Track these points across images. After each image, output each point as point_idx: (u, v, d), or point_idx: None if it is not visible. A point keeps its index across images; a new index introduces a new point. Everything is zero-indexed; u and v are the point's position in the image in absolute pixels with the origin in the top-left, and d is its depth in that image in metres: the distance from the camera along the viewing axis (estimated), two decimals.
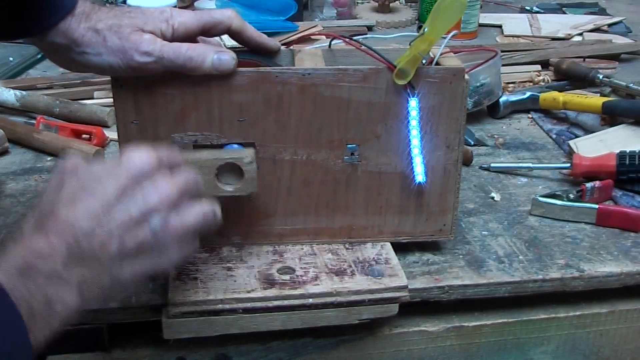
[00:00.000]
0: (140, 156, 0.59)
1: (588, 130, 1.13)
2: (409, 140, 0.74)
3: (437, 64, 0.74)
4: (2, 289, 0.51)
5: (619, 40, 1.54)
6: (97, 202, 0.56)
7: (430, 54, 0.74)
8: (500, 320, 0.80)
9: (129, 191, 0.57)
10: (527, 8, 1.81)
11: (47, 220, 0.56)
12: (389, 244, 0.79)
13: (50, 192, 0.58)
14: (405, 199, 0.77)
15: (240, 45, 0.77)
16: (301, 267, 0.75)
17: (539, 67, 1.37)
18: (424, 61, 0.71)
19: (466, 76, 0.73)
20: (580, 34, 1.57)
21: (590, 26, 1.63)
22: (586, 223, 0.88)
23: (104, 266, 0.56)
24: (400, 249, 0.80)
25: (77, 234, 0.55)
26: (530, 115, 1.20)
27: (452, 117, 0.74)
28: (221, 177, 0.70)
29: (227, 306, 0.70)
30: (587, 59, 1.38)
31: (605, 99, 1.12)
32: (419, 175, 0.75)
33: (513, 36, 1.58)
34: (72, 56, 0.70)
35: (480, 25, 1.60)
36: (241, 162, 0.69)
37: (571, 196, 0.91)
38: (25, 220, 0.57)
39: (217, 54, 0.69)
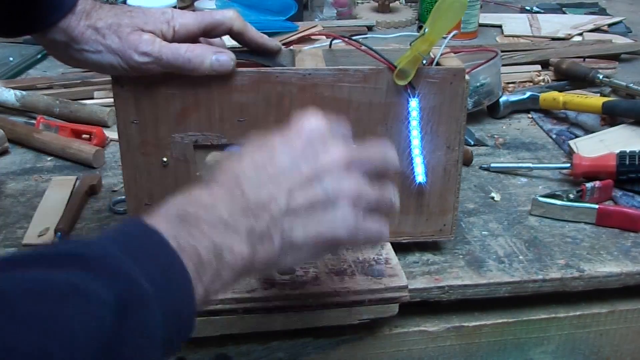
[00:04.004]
0: (312, 120, 0.58)
1: (588, 130, 1.13)
2: (409, 141, 0.74)
3: (438, 64, 0.74)
4: (162, 237, 0.47)
5: (619, 40, 1.54)
6: (266, 157, 0.55)
7: (431, 54, 0.74)
8: (500, 320, 0.80)
9: (300, 150, 0.56)
10: (527, 8, 1.81)
11: (213, 178, 0.54)
12: (389, 244, 0.79)
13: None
14: (406, 199, 0.77)
15: (241, 46, 0.77)
16: (301, 267, 0.75)
17: (539, 67, 1.37)
18: (424, 61, 0.71)
19: (466, 76, 0.73)
20: (580, 34, 1.57)
21: (590, 26, 1.63)
22: (586, 223, 0.88)
23: (273, 220, 0.53)
24: (400, 249, 0.80)
25: (243, 184, 0.53)
26: (530, 115, 1.20)
27: (453, 117, 0.74)
28: None
29: (227, 306, 0.70)
30: (587, 59, 1.38)
31: (605, 99, 1.12)
32: (419, 176, 0.75)
33: (513, 36, 1.58)
34: (71, 53, 0.70)
35: (480, 25, 1.60)
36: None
37: (571, 196, 0.91)
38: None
39: (215, 55, 0.69)
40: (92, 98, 1.22)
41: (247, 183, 0.53)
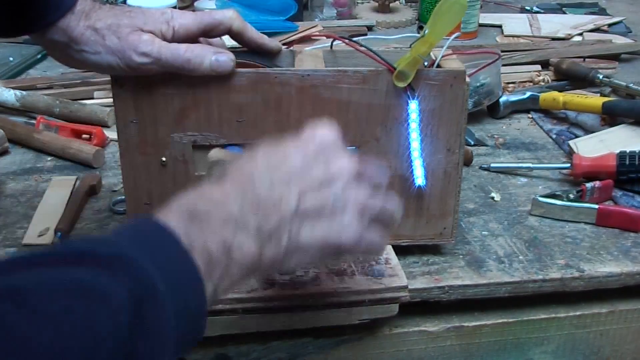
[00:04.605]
0: (325, 129, 0.59)
1: (588, 130, 1.13)
2: (409, 143, 0.74)
3: (439, 66, 0.74)
4: (174, 236, 0.48)
5: (619, 40, 1.54)
6: (279, 159, 0.55)
7: (432, 56, 0.74)
8: (500, 320, 0.80)
9: (312, 156, 0.56)
10: (527, 8, 1.81)
11: (225, 175, 0.54)
12: (389, 245, 0.79)
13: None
14: (405, 201, 0.77)
15: (240, 46, 0.77)
16: (301, 267, 0.75)
17: (539, 67, 1.37)
18: (425, 63, 0.71)
19: (467, 79, 0.72)
20: (580, 34, 1.57)
21: (590, 26, 1.63)
22: (586, 223, 0.88)
23: (282, 220, 0.53)
24: (401, 249, 0.80)
25: (255, 183, 0.53)
26: (530, 115, 1.20)
27: (453, 120, 0.74)
28: None
29: (227, 306, 0.70)
30: (587, 59, 1.38)
31: (605, 99, 1.12)
32: (419, 179, 0.75)
33: (513, 36, 1.58)
34: (70, 53, 0.70)
35: (480, 25, 1.60)
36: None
37: (571, 196, 0.91)
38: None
39: (215, 55, 0.69)
40: (92, 98, 1.22)
41: (259, 182, 0.54)
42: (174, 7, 1.39)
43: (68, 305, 0.39)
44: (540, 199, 0.90)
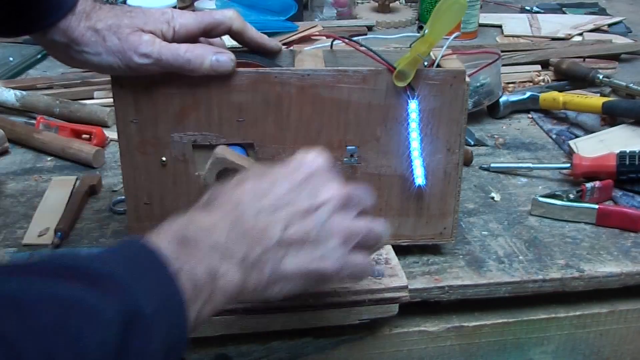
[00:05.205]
0: (314, 155, 0.59)
1: (588, 130, 1.13)
2: (409, 143, 0.74)
3: (439, 66, 0.74)
4: (162, 259, 0.48)
5: (619, 40, 1.54)
6: (266, 186, 0.56)
7: (432, 55, 0.74)
8: (500, 320, 0.80)
9: (299, 183, 0.57)
10: (527, 8, 1.81)
11: (214, 200, 0.55)
12: (389, 245, 0.79)
13: (219, 185, 0.58)
14: (405, 201, 0.77)
15: (241, 46, 0.77)
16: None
17: (539, 67, 1.37)
18: (425, 63, 0.71)
19: (467, 79, 0.72)
20: (580, 34, 1.57)
21: (590, 26, 1.63)
22: (586, 223, 0.88)
23: (267, 250, 0.54)
24: (401, 249, 0.80)
25: (243, 211, 0.54)
26: (530, 115, 1.20)
27: (453, 119, 0.74)
28: (220, 177, 0.70)
29: (227, 306, 0.70)
30: (587, 59, 1.38)
31: (605, 99, 1.12)
32: (419, 178, 0.75)
33: (513, 36, 1.58)
34: (71, 54, 0.70)
35: (480, 25, 1.60)
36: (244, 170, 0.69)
37: (571, 196, 0.91)
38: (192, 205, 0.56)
39: (215, 55, 0.69)
40: (92, 98, 1.22)
41: (247, 210, 0.55)
42: (174, 7, 1.39)
43: (59, 319, 0.40)
44: (540, 199, 0.90)
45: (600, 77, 1.25)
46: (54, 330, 0.39)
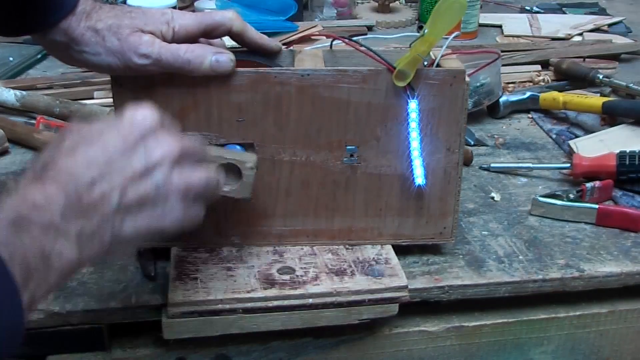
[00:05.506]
0: (144, 113, 0.58)
1: (588, 130, 1.13)
2: (409, 143, 0.74)
3: (439, 65, 0.74)
4: None
5: (619, 40, 1.54)
6: (99, 153, 0.55)
7: (432, 55, 0.74)
8: (500, 320, 0.80)
9: (131, 145, 0.56)
10: (527, 8, 1.80)
11: (45, 170, 0.54)
12: (389, 245, 0.79)
13: (51, 146, 0.56)
14: (405, 201, 0.77)
15: (241, 46, 0.77)
16: (301, 267, 0.75)
17: (539, 67, 1.37)
18: (425, 63, 0.71)
19: (467, 78, 0.72)
20: (580, 34, 1.57)
21: (590, 26, 1.62)
22: (586, 223, 0.88)
23: (105, 219, 0.53)
24: (401, 249, 0.80)
25: (77, 183, 0.53)
26: (530, 115, 1.20)
27: (453, 119, 0.74)
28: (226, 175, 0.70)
29: (227, 306, 0.70)
30: (587, 59, 1.38)
31: (605, 99, 1.12)
32: (419, 178, 0.75)
33: (513, 36, 1.58)
34: (71, 54, 0.70)
35: (480, 25, 1.60)
36: (243, 165, 0.69)
37: (571, 196, 0.91)
38: (22, 174, 0.55)
39: (215, 55, 0.69)
40: (92, 98, 1.22)
41: (81, 181, 0.53)
42: (174, 7, 1.39)
43: None
44: (540, 199, 0.90)
45: (600, 77, 1.25)
46: None
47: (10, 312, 0.47)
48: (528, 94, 1.20)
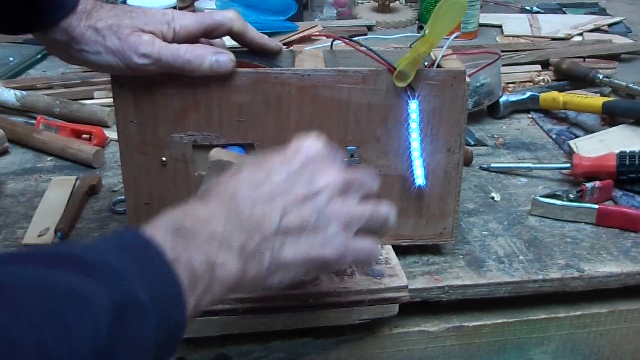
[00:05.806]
0: (311, 142, 0.59)
1: (588, 130, 1.13)
2: (409, 143, 0.74)
3: (439, 66, 0.74)
4: (159, 249, 0.48)
5: (619, 40, 1.54)
6: (262, 175, 0.56)
7: (432, 55, 0.74)
8: (500, 320, 0.81)
9: (296, 171, 0.57)
10: (527, 8, 1.81)
11: (209, 192, 0.55)
12: (389, 245, 0.79)
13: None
14: (405, 201, 0.77)
15: (241, 46, 0.77)
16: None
17: (539, 67, 1.37)
18: (425, 63, 0.71)
19: (467, 79, 0.72)
20: (580, 34, 1.57)
21: (590, 26, 1.63)
22: (586, 223, 0.88)
23: (265, 238, 0.54)
24: (401, 249, 0.80)
25: (239, 201, 0.54)
26: (530, 115, 1.20)
27: (453, 119, 0.74)
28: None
29: (227, 306, 0.70)
30: (587, 59, 1.38)
31: (605, 99, 1.12)
32: (419, 178, 0.75)
33: (513, 36, 1.58)
34: (71, 52, 0.70)
35: (480, 25, 1.60)
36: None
37: (571, 196, 0.91)
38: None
39: (215, 55, 0.69)
40: (92, 98, 1.22)
41: (243, 200, 0.54)
42: (174, 7, 1.39)
43: (51, 307, 0.40)
44: (540, 199, 0.90)
45: (600, 77, 1.25)
46: (47, 319, 0.39)
47: (175, 313, 0.48)
48: (528, 94, 1.20)
